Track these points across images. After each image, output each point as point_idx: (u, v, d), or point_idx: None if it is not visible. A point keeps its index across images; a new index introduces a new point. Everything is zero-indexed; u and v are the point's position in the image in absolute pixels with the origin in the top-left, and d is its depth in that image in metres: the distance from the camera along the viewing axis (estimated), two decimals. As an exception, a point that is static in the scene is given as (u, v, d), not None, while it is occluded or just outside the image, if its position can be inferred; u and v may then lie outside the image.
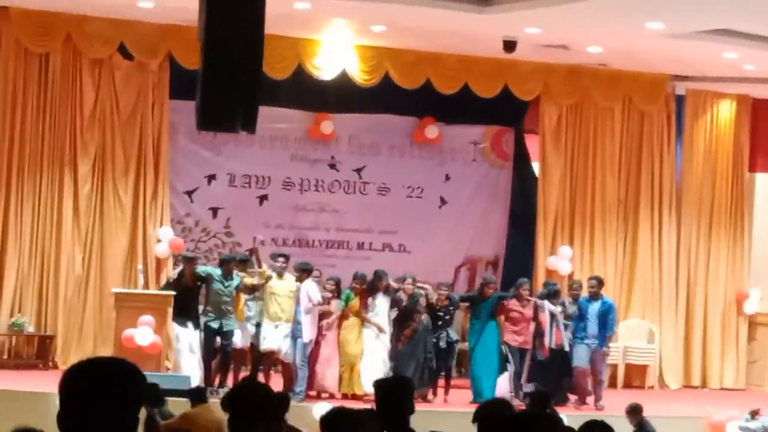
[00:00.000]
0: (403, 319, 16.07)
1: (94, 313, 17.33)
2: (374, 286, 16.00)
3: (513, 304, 16.41)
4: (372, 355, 15.84)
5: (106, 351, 16.37)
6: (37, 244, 17.21)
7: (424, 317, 16.09)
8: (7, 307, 16.99)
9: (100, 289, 17.34)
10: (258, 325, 15.79)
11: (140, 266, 17.12)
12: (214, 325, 15.48)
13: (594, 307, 16.46)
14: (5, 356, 16.98)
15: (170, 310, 16.20)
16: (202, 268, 16.00)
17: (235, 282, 15.67)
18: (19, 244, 17.09)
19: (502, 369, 16.31)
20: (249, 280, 15.80)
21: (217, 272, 15.71)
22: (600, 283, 16.87)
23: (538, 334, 16.38)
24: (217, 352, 15.74)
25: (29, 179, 17.17)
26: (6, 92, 17.05)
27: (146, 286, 16.96)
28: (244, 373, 15.74)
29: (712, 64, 18.49)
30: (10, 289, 17.02)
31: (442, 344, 16.12)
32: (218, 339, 15.59)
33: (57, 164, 17.30)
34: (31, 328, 17.06)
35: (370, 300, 15.94)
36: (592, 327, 16.34)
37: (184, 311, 15.66)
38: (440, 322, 16.21)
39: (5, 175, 17.07)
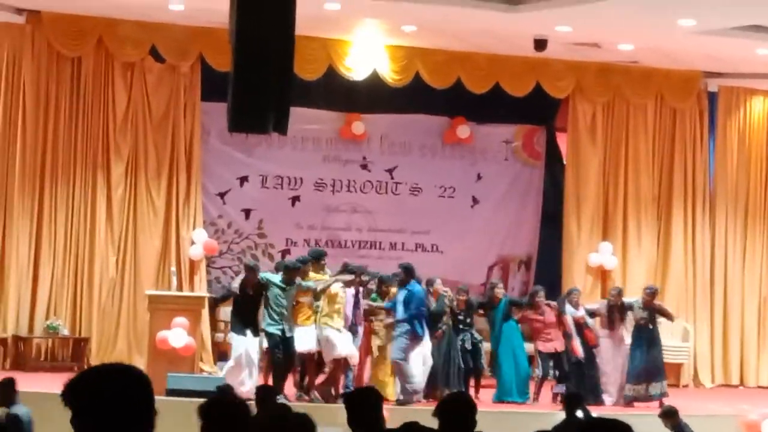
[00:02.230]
0: (432, 321, 15.94)
1: (128, 315, 17.38)
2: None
3: (530, 314, 16.28)
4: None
5: (141, 353, 16.46)
6: (71, 247, 17.29)
7: (446, 319, 16.06)
8: (42, 310, 17.08)
9: (134, 291, 17.39)
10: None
11: (173, 268, 17.16)
12: (277, 331, 14.91)
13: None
14: (41, 359, 17.07)
15: (204, 312, 16.25)
16: (261, 275, 15.40)
17: (295, 288, 15.11)
18: (54, 247, 17.18)
19: (531, 367, 16.25)
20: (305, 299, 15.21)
21: (276, 278, 15.18)
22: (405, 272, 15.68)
23: (566, 336, 16.22)
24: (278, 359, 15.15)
25: (63, 183, 17.24)
26: (39, 96, 17.13)
27: (179, 287, 17.00)
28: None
29: (744, 61, 18.38)
30: (45, 292, 17.11)
31: (468, 345, 16.02)
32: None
33: (90, 167, 17.37)
34: (66, 331, 17.14)
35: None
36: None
37: (245, 320, 15.10)
38: (461, 326, 16.10)
39: (39, 179, 17.15)
